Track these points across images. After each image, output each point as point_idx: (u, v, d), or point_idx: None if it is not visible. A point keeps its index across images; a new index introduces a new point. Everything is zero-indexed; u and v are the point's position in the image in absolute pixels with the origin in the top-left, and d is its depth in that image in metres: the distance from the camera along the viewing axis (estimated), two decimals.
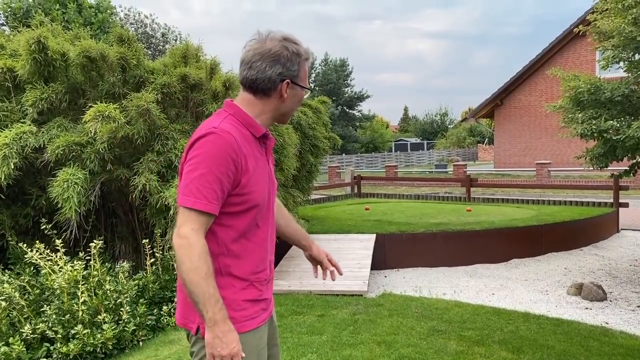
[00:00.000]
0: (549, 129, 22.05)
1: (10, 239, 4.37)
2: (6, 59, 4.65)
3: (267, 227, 1.70)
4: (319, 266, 2.05)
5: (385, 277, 6.68)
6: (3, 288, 3.53)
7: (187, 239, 1.48)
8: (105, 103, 4.02)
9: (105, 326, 3.59)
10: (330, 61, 44.98)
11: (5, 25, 19.26)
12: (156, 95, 4.35)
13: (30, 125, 4.14)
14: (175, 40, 27.39)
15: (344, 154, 36.18)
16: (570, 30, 20.21)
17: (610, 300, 5.56)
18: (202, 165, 1.50)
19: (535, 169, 19.32)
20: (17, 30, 5.54)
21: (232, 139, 1.54)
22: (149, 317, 4.03)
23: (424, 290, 5.98)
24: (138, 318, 3.90)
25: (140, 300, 4.05)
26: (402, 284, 6.32)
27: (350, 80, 45.14)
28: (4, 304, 3.49)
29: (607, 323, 4.79)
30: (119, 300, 3.84)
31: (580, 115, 6.17)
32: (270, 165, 1.74)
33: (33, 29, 4.51)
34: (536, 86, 23.11)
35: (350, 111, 45.30)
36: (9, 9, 19.33)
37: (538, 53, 22.68)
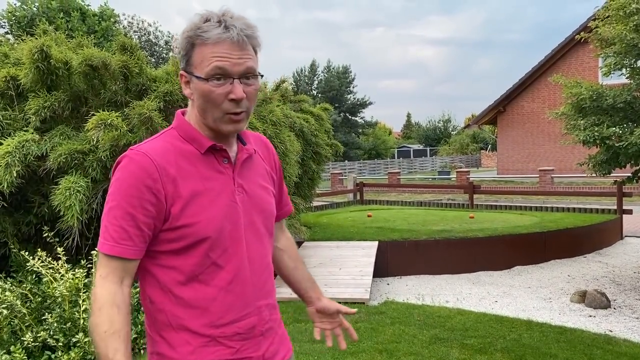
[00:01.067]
0: (552, 136, 22.03)
1: (12, 246, 4.38)
2: (9, 67, 4.67)
3: (239, 263, 1.33)
4: (324, 325, 1.65)
5: (388, 284, 6.66)
6: (5, 296, 3.53)
7: (94, 287, 1.24)
8: (108, 111, 4.03)
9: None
10: (333, 68, 45.10)
11: (9, 34, 19.38)
12: (158, 103, 4.36)
13: (32, 133, 4.16)
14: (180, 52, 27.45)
15: (346, 161, 36.20)
16: (572, 37, 20.22)
17: (614, 308, 5.53)
18: (111, 198, 1.25)
19: (538, 175, 19.29)
20: (21, 39, 5.58)
21: (147, 162, 1.25)
22: None
23: (427, 298, 5.96)
24: (139, 326, 3.90)
25: (142, 308, 4.04)
26: (404, 291, 6.30)
27: (353, 87, 45.26)
28: (5, 312, 3.49)
29: (611, 331, 4.77)
30: None
31: (582, 122, 6.17)
32: (241, 183, 1.36)
33: (37, 38, 4.54)
34: (539, 93, 23.11)
35: (352, 118, 45.37)
36: (13, 18, 19.46)
37: (540, 60, 22.70)
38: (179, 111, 1.39)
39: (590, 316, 5.27)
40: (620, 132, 5.78)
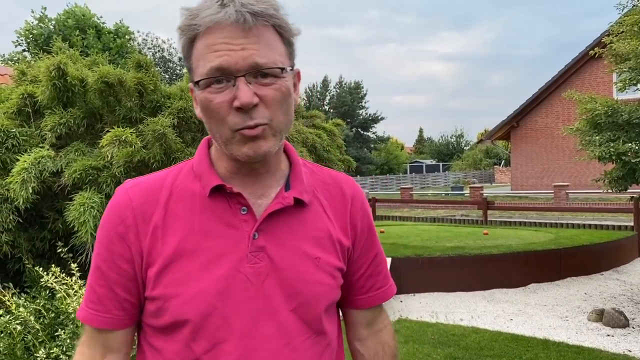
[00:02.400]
0: (567, 151, 21.85)
1: (26, 262, 4.40)
2: (27, 85, 4.74)
3: None
4: None
5: (401, 302, 6.60)
6: (19, 312, 3.54)
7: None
8: (122, 128, 4.06)
9: None
10: (345, 83, 45.31)
11: (27, 51, 19.73)
12: (172, 119, 4.39)
13: (48, 149, 4.20)
14: None
15: (358, 176, 36.18)
16: (586, 52, 20.15)
17: (633, 327, 5.42)
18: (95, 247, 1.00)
19: (553, 191, 19.11)
20: (38, 57, 5.67)
21: (124, 201, 0.97)
22: None
23: (441, 316, 5.89)
24: None
25: None
26: (418, 309, 6.23)
27: (365, 102, 45.39)
28: (19, 327, 3.50)
29: (629, 351, 4.67)
30: None
31: (597, 137, 6.11)
32: (264, 246, 0.95)
33: (53, 56, 4.60)
34: (552, 108, 22.99)
35: (364, 133, 45.45)
36: (30, 36, 19.82)
37: (554, 75, 22.62)
38: (206, 138, 1.06)
39: (608, 335, 5.17)
40: (637, 148, 5.71)
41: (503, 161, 43.51)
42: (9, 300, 3.60)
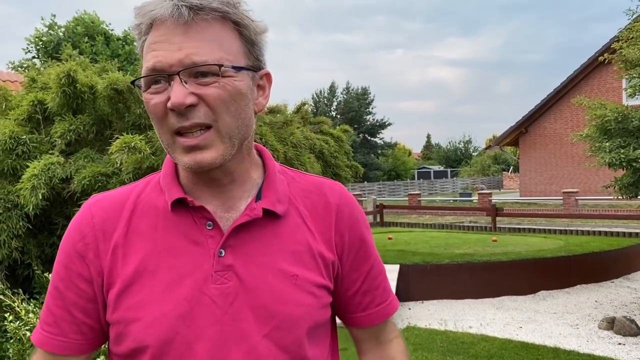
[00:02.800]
0: (576, 157, 21.74)
1: (35, 268, 4.41)
2: (37, 91, 4.77)
3: None
4: None
5: (409, 309, 6.56)
6: (28, 318, 3.55)
7: None
8: (131, 134, 4.08)
9: None
10: (352, 89, 45.34)
11: (36, 58, 19.91)
12: None
13: (58, 156, 4.22)
14: None
15: (366, 182, 36.14)
16: (595, 57, 20.06)
17: None
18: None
19: (562, 197, 19.00)
20: (48, 64, 5.71)
21: (85, 217, 0.92)
22: None
23: (450, 324, 5.85)
24: None
25: None
26: (426, 316, 6.19)
27: (372, 108, 45.39)
28: (29, 333, 3.50)
29: None
30: None
31: (607, 144, 6.07)
32: (232, 264, 0.87)
33: (63, 63, 4.63)
34: (561, 114, 22.90)
35: (372, 139, 45.42)
36: (40, 43, 20.00)
37: (562, 81, 22.54)
38: None
39: (620, 344, 5.11)
40: None
41: (511, 167, 43.34)
42: (18, 306, 3.61)
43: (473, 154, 54.82)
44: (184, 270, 0.86)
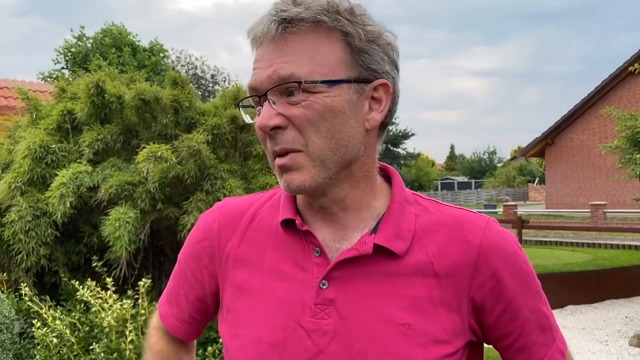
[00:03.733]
0: (604, 169, 21.34)
1: (62, 275, 4.47)
2: (66, 101, 4.86)
3: None
4: None
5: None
6: (55, 325, 3.59)
7: (147, 337, 1.05)
8: (158, 144, 4.12)
9: None
10: None
11: (65, 69, 20.36)
12: (207, 136, 4.43)
13: (86, 165, 4.29)
14: (224, 81, 28.27)
15: None
16: (623, 67, 19.73)
17: None
18: None
19: (589, 210, 18.63)
20: (77, 74, 5.82)
21: (211, 218, 0.93)
22: None
23: None
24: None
25: (212, 333, 4.03)
26: None
27: (395, 118, 45.13)
28: (55, 340, 3.54)
29: None
30: None
31: (638, 155, 5.94)
32: (334, 299, 0.79)
33: (92, 73, 4.71)
34: (589, 125, 22.54)
35: (394, 149, 45.27)
36: (69, 53, 20.46)
37: (590, 91, 22.22)
38: None
39: None
40: None
41: (537, 179, 42.72)
42: (45, 313, 3.66)
43: (498, 165, 54.25)
44: (285, 296, 0.81)
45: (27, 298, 3.78)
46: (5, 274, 4.45)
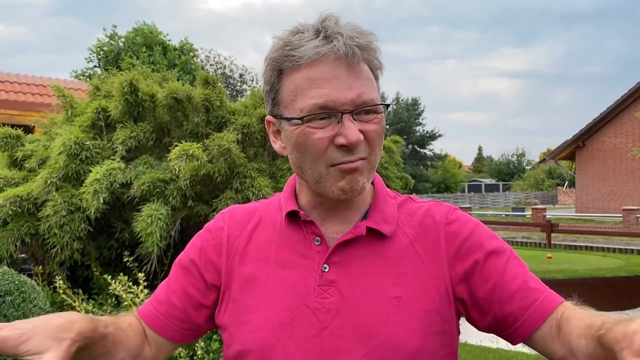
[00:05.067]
0: (637, 173, 20.85)
1: (94, 269, 4.57)
2: (100, 99, 4.96)
3: None
4: None
5: (460, 325, 6.43)
6: None
7: None
8: (189, 142, 4.17)
9: None
10: (402, 100, 45.06)
11: (97, 67, 20.76)
12: (237, 135, 4.48)
13: (119, 162, 4.37)
14: (252, 81, 28.45)
15: (414, 194, 35.69)
16: None
17: None
18: None
19: (621, 215, 18.21)
20: (109, 72, 5.93)
21: (219, 222, 1.02)
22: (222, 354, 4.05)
23: (502, 342, 5.66)
24: (212, 354, 3.93)
25: (214, 336, 4.08)
26: (477, 333, 6.00)
27: (422, 119, 44.92)
28: None
29: None
30: None
31: None
32: (334, 280, 0.89)
33: (125, 72, 4.80)
34: (622, 127, 22.03)
35: (421, 150, 44.94)
36: (101, 52, 20.85)
37: (624, 93, 21.71)
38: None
39: None
40: None
41: (567, 182, 41.94)
42: (78, 306, 3.74)
43: (526, 167, 53.38)
44: (290, 281, 0.91)
45: (60, 291, 3.88)
46: (40, 267, 4.56)
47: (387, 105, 0.90)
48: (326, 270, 0.90)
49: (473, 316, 0.96)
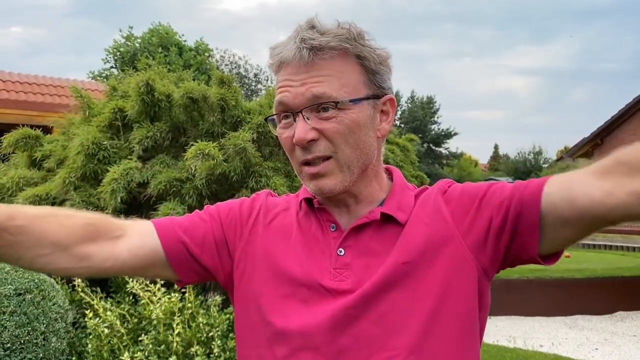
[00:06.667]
0: None
1: None
2: (117, 100, 5.01)
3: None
4: None
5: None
6: (106, 315, 3.71)
7: None
8: (205, 141, 4.20)
9: (197, 359, 3.66)
10: (417, 98, 44.84)
11: (114, 68, 20.95)
12: (252, 134, 4.50)
13: (136, 161, 4.41)
14: (267, 80, 28.51)
15: None
16: None
17: None
18: None
19: None
20: (126, 73, 5.98)
21: (256, 199, 1.07)
22: None
23: (519, 341, 5.64)
24: (228, 352, 3.95)
25: (231, 334, 4.10)
26: (494, 332, 6.00)
27: (437, 118, 44.67)
28: (106, 330, 3.66)
29: None
30: (211, 333, 3.91)
31: None
32: (349, 263, 0.91)
33: (143, 72, 4.84)
34: None
35: (436, 149, 44.69)
36: (118, 53, 21.04)
37: None
38: None
39: None
40: None
41: None
42: (97, 304, 3.79)
43: (543, 165, 52.81)
44: (307, 265, 0.93)
45: (79, 289, 3.92)
46: None
47: (337, 103, 0.88)
48: (341, 253, 0.93)
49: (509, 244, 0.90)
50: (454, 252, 0.90)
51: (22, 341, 3.13)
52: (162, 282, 3.86)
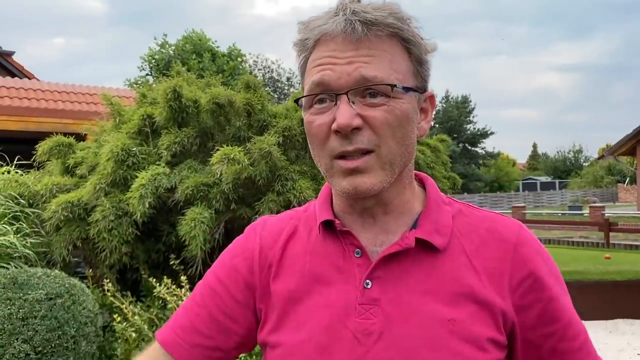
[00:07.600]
0: None
1: (143, 272, 4.68)
2: (147, 106, 5.09)
3: None
4: None
5: None
6: (134, 320, 3.76)
7: None
8: (231, 146, 4.22)
9: None
10: (452, 98, 44.31)
11: (149, 75, 21.40)
12: (278, 138, 4.50)
13: (164, 167, 4.46)
14: (299, 84, 28.64)
15: (465, 194, 35.05)
16: None
17: None
18: None
19: None
20: (159, 80, 6.08)
21: (251, 234, 0.93)
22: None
23: None
24: (255, 357, 3.95)
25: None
26: None
27: (473, 117, 44.06)
28: (134, 334, 3.71)
29: None
30: None
31: None
32: (378, 298, 0.79)
33: (171, 79, 4.91)
34: None
35: (472, 149, 44.06)
36: (152, 60, 21.48)
37: None
38: None
39: None
40: None
41: (628, 178, 40.09)
42: (126, 308, 3.84)
43: (584, 164, 51.45)
44: (328, 299, 0.81)
45: (109, 293, 3.99)
46: (91, 270, 4.72)
47: (393, 86, 0.76)
48: (368, 286, 0.79)
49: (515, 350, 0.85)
50: (496, 313, 0.80)
51: (52, 345, 3.19)
52: (188, 286, 3.89)
